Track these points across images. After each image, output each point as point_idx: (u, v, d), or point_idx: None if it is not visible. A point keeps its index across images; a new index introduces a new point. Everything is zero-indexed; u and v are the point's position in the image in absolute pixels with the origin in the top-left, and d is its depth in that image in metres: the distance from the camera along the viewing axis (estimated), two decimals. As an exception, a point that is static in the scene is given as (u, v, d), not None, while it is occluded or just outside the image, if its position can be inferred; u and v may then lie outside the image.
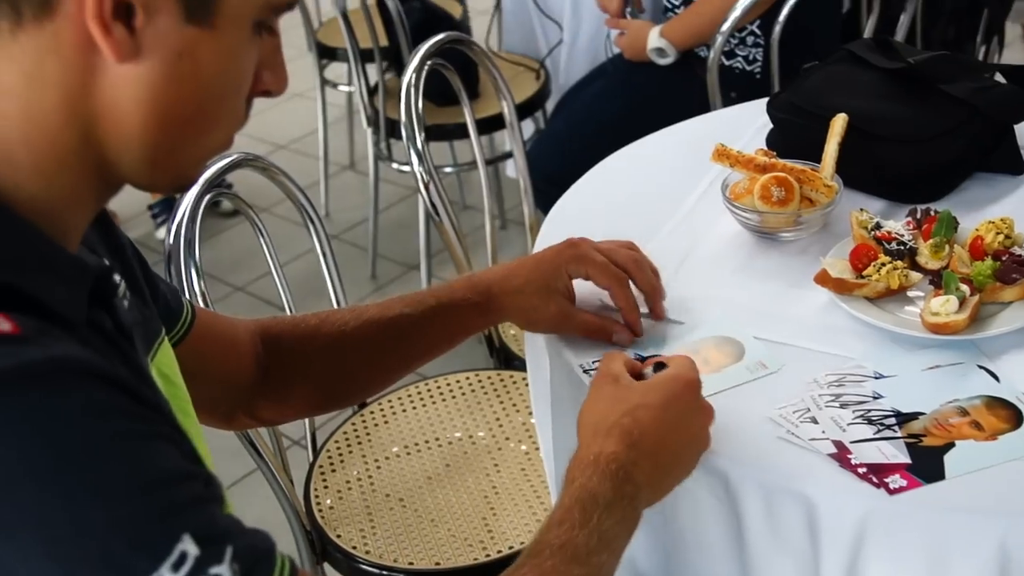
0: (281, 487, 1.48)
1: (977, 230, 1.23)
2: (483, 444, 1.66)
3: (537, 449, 1.61)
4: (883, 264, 1.19)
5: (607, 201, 1.50)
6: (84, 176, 0.73)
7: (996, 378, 1.08)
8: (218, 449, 1.45)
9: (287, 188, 1.65)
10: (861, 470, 0.98)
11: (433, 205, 1.72)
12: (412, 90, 1.73)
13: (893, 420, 1.04)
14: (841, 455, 1.00)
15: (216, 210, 3.44)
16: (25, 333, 0.64)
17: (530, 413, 1.65)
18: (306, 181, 3.69)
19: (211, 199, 1.51)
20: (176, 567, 0.62)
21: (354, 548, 1.50)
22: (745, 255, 1.31)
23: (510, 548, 1.47)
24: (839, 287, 1.19)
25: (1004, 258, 1.18)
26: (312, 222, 1.69)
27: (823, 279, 1.19)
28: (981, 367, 1.09)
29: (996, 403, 1.05)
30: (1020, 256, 1.17)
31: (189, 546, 0.63)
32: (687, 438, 0.96)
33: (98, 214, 0.86)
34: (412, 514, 1.55)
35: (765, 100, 1.54)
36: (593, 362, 1.15)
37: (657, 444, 0.93)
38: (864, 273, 1.19)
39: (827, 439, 1.02)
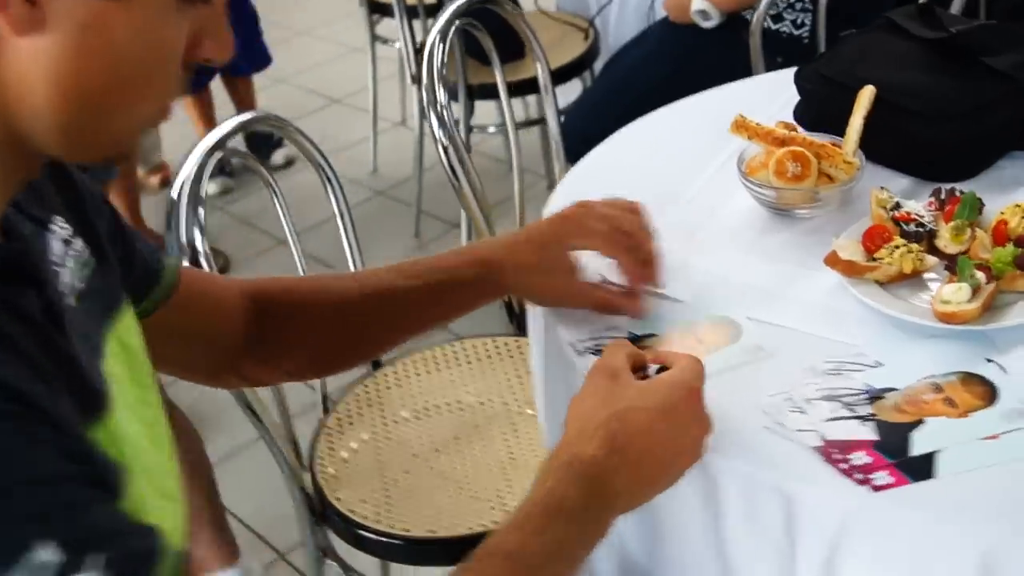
0: (280, 449, 1.46)
1: (1002, 213, 1.16)
2: (498, 410, 1.62)
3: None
4: (896, 247, 1.13)
5: (626, 167, 1.46)
6: None
7: (1004, 371, 1.02)
8: (232, 406, 1.46)
9: (305, 148, 1.63)
10: (843, 465, 0.93)
11: (452, 170, 1.68)
12: (435, 51, 1.69)
13: (865, 397, 1.00)
14: (825, 449, 0.95)
15: (268, 163, 3.45)
16: None
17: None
18: (357, 136, 3.70)
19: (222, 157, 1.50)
20: (34, 573, 0.59)
21: (352, 511, 1.49)
22: (758, 232, 1.26)
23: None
24: (848, 270, 1.13)
25: (1027, 245, 1.11)
26: (330, 182, 1.66)
27: (832, 261, 1.14)
28: (990, 360, 1.03)
29: (972, 379, 1.01)
30: (1044, 244, 1.10)
31: (49, 553, 0.60)
32: (677, 449, 0.90)
33: (57, 170, 0.84)
34: (416, 480, 1.53)
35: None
36: (584, 341, 1.11)
37: (642, 453, 0.87)
38: (876, 255, 1.13)
39: (813, 431, 0.97)
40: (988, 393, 0.99)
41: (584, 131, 2.20)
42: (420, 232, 3.17)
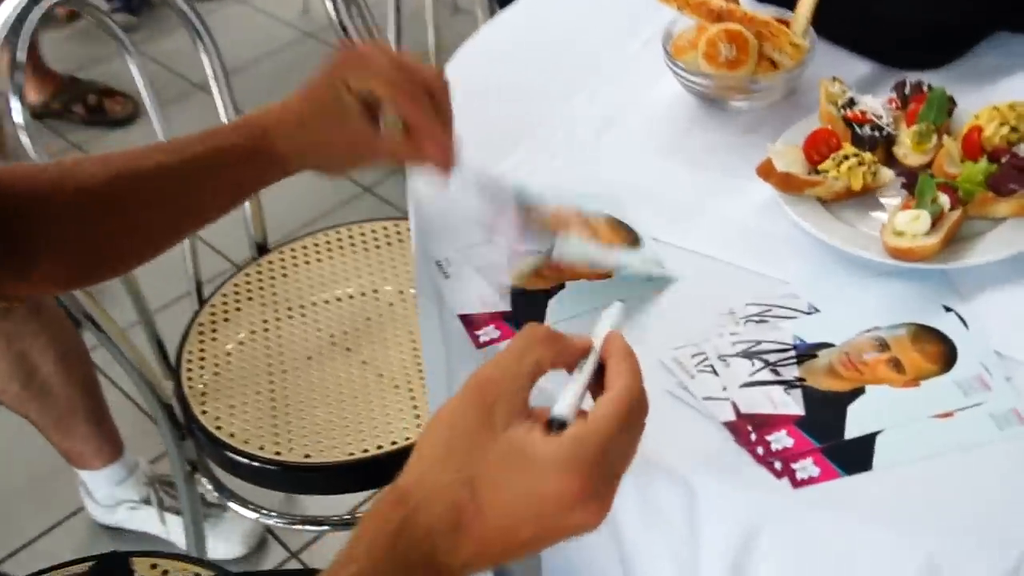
0: (123, 352, 1.25)
1: (977, 117, 0.95)
2: (409, 302, 1.43)
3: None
4: (845, 156, 0.92)
5: (546, 28, 1.22)
6: None
7: (964, 324, 0.83)
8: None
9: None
10: (759, 450, 0.75)
11: (342, 25, 1.44)
12: None
13: (792, 355, 0.81)
14: (740, 425, 0.77)
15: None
16: None
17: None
18: (291, -28, 3.38)
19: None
20: None
21: (218, 428, 1.30)
22: (682, 127, 1.04)
23: (393, 444, 1.26)
24: (785, 184, 0.92)
25: (1004, 160, 0.90)
26: (200, 38, 1.42)
27: (766, 172, 0.93)
28: (948, 308, 0.84)
29: (925, 335, 0.82)
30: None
31: None
32: (545, 533, 0.62)
33: None
34: (297, 391, 1.34)
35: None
36: (456, 251, 0.91)
37: (493, 533, 0.62)
38: (820, 167, 0.93)
39: (727, 399, 0.78)
40: (943, 354, 0.80)
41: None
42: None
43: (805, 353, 0.81)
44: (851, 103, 0.98)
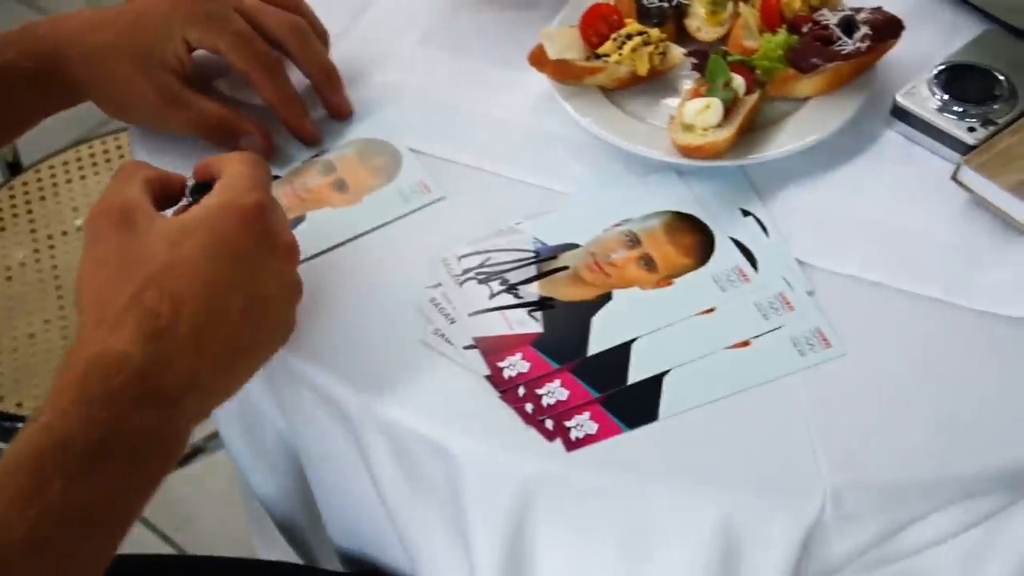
0: None
1: (776, -21, 0.83)
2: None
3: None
4: (629, 36, 0.79)
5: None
6: None
7: (764, 230, 0.72)
8: None
9: None
10: (528, 407, 0.63)
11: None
12: None
13: (532, 258, 0.70)
14: (503, 377, 0.65)
15: None
16: None
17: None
18: None
19: None
20: None
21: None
22: (447, 8, 0.89)
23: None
24: (560, 72, 0.79)
25: (805, 29, 0.79)
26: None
27: (539, 60, 0.79)
28: (746, 212, 0.73)
29: (680, 224, 0.73)
30: (827, 28, 0.78)
31: None
32: (259, 301, 0.60)
33: None
34: (59, 332, 1.18)
35: None
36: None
37: (206, 323, 0.57)
38: (600, 51, 0.79)
39: (491, 347, 0.67)
40: (698, 245, 0.72)
41: None
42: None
43: (547, 258, 0.70)
44: (636, -30, 0.84)
